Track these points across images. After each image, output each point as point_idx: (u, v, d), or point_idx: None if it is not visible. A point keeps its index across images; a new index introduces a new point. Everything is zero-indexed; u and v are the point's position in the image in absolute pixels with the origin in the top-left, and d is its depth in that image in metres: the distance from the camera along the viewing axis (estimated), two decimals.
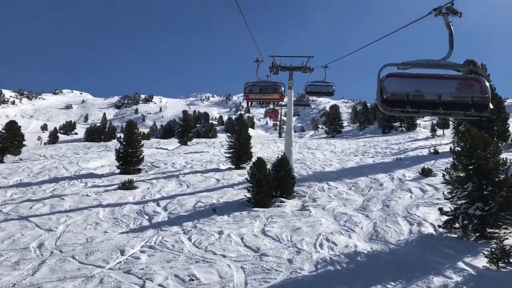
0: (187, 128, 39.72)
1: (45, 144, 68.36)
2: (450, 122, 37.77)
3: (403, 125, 45.12)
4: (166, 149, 36.12)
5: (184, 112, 41.70)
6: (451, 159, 21.96)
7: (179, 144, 38.79)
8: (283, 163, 16.23)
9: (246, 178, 15.68)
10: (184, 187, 18.38)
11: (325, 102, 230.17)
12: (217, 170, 22.28)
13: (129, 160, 23.07)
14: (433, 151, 23.35)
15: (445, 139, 32.41)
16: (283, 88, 15.34)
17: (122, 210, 15.06)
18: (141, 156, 23.49)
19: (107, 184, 19.58)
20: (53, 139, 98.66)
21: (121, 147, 23.14)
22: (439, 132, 36.23)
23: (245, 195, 15.41)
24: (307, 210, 14.14)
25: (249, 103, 16.51)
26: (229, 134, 23.17)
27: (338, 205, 14.84)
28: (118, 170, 22.97)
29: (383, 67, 6.07)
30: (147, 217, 14.18)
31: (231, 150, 22.61)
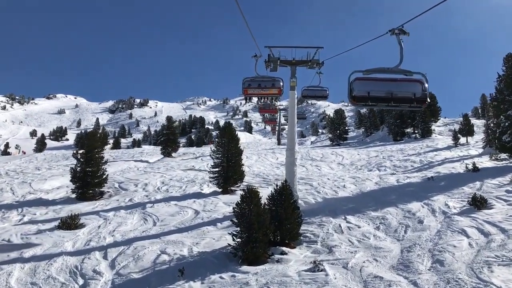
0: (172, 137, 34.67)
1: (23, 153, 63.32)
2: (475, 128, 33.19)
3: (416, 131, 40.37)
4: (147, 161, 31.23)
5: (169, 118, 36.78)
6: (501, 179, 17.46)
7: (162, 156, 33.83)
8: (285, 194, 11.42)
9: (232, 220, 10.86)
10: (149, 225, 13.51)
11: (325, 106, 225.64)
12: (198, 195, 17.37)
13: (89, 181, 18.21)
14: (471, 167, 18.57)
15: (472, 149, 27.69)
16: (281, 83, 14.13)
17: (50, 267, 10.30)
18: (103, 177, 18.61)
19: (50, 218, 14.75)
20: (40, 146, 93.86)
21: (78, 165, 18.26)
22: (462, 139, 31.41)
23: (229, 244, 10.56)
24: (322, 270, 9.31)
25: (247, 98, 15.69)
26: (214, 148, 18.31)
27: (366, 259, 10.01)
28: (74, 195, 18.12)
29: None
30: (81, 282, 9.47)
31: (217, 169, 17.74)
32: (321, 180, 19.57)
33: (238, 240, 10.28)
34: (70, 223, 12.99)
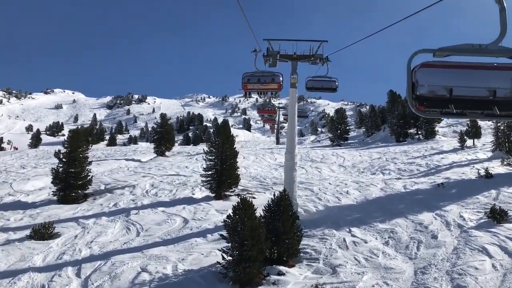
0: (166, 136, 33.24)
1: (15, 149, 61.83)
2: (482, 131, 31.87)
3: (420, 132, 39.07)
4: (139, 160, 29.85)
5: (163, 116, 35.37)
6: None
7: (155, 155, 32.43)
8: (283, 205, 10.10)
9: (221, 235, 9.54)
10: (132, 235, 12.17)
11: (325, 104, 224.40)
12: (189, 200, 16.01)
13: (72, 183, 16.87)
14: (483, 173, 17.27)
15: (480, 152, 26.38)
16: (281, 78, 13.45)
17: (13, 286, 8.99)
18: (88, 178, 17.26)
19: (24, 225, 13.38)
20: (35, 141, 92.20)
21: (60, 165, 16.91)
22: (468, 141, 30.03)
23: (218, 263, 9.22)
24: None
25: (247, 94, 14.65)
26: (207, 149, 16.96)
27: (376, 282, 8.73)
28: (56, 197, 16.78)
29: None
30: None
31: (210, 172, 16.39)
32: (322, 185, 18.24)
33: (230, 259, 8.97)
34: (44, 233, 11.63)
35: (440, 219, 12.44)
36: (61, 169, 16.84)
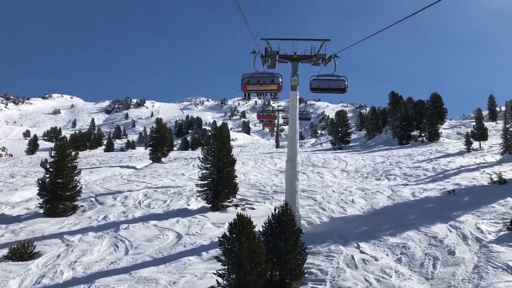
0: (162, 141, 32.21)
1: (10, 155, 60.83)
2: (488, 132, 30.94)
3: (423, 134, 38.09)
4: (134, 167, 28.82)
5: (158, 120, 34.40)
6: None
7: (151, 161, 31.41)
8: (285, 221, 9.10)
9: (216, 257, 8.51)
10: (120, 253, 11.14)
11: (324, 106, 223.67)
12: (183, 212, 14.97)
13: (60, 194, 15.87)
14: (496, 178, 16.29)
15: (487, 155, 25.42)
16: (280, 79, 13.08)
17: None
18: (76, 189, 16.26)
19: (4, 243, 12.35)
20: (33, 147, 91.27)
21: (47, 175, 15.91)
22: (474, 144, 28.99)
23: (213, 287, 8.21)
24: None
25: (246, 95, 14.28)
26: (203, 156, 15.96)
27: None
28: (42, 210, 15.78)
29: None
30: None
31: (206, 182, 15.38)
32: (326, 193, 17.23)
33: (225, 283, 7.97)
34: (23, 252, 10.61)
35: (456, 231, 11.44)
36: (47, 179, 15.83)
